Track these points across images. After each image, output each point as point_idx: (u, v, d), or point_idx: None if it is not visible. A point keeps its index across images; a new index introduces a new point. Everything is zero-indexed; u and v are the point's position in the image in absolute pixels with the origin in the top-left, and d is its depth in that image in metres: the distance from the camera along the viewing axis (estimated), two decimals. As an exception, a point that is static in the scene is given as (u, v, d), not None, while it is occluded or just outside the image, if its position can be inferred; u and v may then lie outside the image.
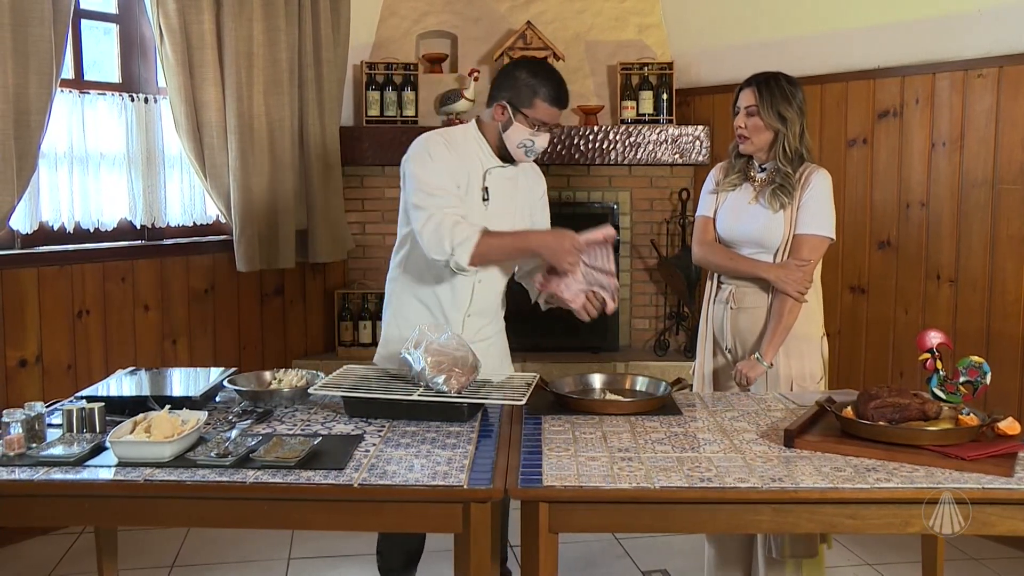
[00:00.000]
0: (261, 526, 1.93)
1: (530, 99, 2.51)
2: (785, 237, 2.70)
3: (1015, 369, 3.50)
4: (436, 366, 2.21)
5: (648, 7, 4.96)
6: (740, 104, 2.73)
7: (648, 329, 4.95)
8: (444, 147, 2.55)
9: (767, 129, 2.69)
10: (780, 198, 2.68)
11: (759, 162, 2.77)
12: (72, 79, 3.77)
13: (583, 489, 1.81)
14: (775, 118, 2.67)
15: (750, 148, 2.74)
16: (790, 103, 2.68)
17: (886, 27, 3.96)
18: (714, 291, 2.87)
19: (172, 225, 4.18)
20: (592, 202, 4.84)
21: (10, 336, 3.49)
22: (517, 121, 2.54)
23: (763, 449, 2.04)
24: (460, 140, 2.61)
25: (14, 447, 1.96)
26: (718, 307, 2.84)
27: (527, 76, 2.53)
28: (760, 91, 2.69)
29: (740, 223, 2.76)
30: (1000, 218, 3.56)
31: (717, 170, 2.90)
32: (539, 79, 2.53)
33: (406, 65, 4.72)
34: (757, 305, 2.75)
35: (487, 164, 2.61)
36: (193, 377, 2.53)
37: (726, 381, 2.86)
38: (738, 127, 2.73)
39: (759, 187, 2.76)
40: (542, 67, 2.60)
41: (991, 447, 1.94)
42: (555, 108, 2.54)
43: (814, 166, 2.74)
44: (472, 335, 2.63)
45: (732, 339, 2.81)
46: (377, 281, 4.81)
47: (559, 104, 2.55)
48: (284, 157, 4.31)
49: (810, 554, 2.74)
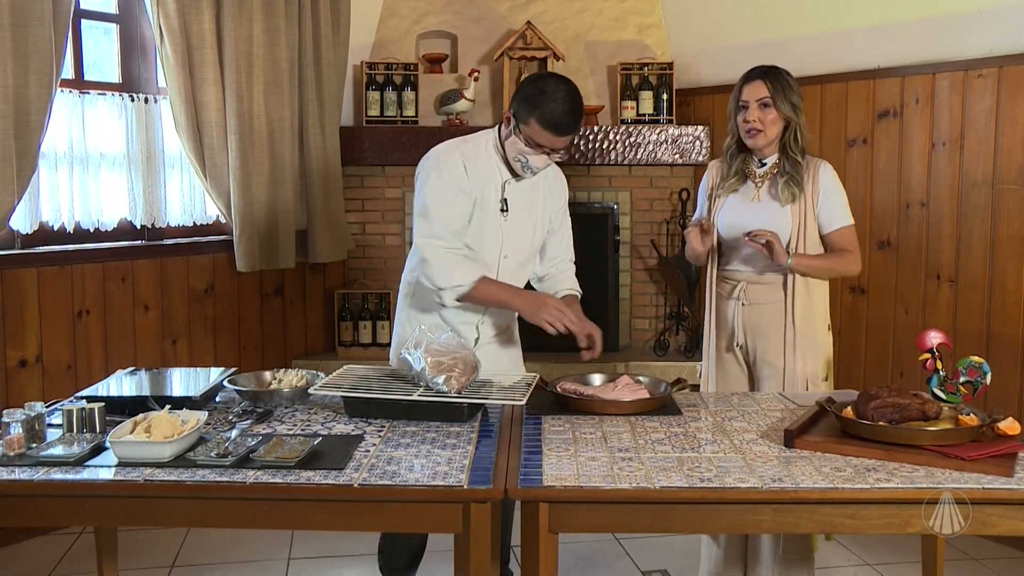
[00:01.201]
0: (261, 526, 1.93)
1: (527, 117, 2.44)
2: (793, 229, 2.69)
3: (1015, 369, 3.50)
4: (436, 366, 2.21)
5: (648, 7, 4.96)
6: (749, 98, 2.69)
7: (648, 329, 4.95)
8: (460, 166, 2.52)
9: (780, 120, 2.68)
10: (792, 189, 2.68)
11: (760, 157, 2.76)
12: (72, 79, 3.77)
13: (583, 489, 1.81)
14: (789, 108, 2.67)
15: (762, 141, 2.70)
16: (796, 92, 2.70)
17: (886, 27, 3.96)
18: (714, 288, 2.86)
19: (172, 225, 4.18)
20: (592, 202, 4.85)
21: (10, 336, 3.49)
22: (515, 135, 2.49)
23: (763, 449, 2.04)
24: (478, 154, 2.57)
25: (14, 447, 1.96)
26: (728, 304, 2.81)
27: (534, 93, 2.44)
28: (771, 83, 2.67)
29: (747, 221, 2.72)
30: (1000, 218, 3.56)
31: (713, 170, 2.88)
32: (543, 99, 2.42)
33: (406, 65, 4.72)
34: (768, 301, 2.75)
35: (505, 176, 2.59)
36: (193, 377, 2.53)
37: (735, 384, 2.85)
38: (750, 121, 2.69)
39: (761, 182, 2.75)
40: (554, 88, 2.45)
41: (991, 447, 1.93)
42: (550, 133, 2.43)
43: (816, 159, 2.75)
44: (485, 338, 2.65)
45: (744, 335, 2.80)
46: (377, 281, 4.82)
47: (555, 131, 2.43)
48: (284, 157, 4.31)
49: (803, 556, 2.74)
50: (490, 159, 2.58)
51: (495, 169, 2.58)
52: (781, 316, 2.73)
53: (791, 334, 2.72)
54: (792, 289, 2.71)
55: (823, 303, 2.77)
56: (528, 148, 2.48)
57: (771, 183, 2.74)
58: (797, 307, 2.71)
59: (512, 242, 2.61)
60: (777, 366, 2.74)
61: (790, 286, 2.71)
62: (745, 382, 2.85)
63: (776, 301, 2.73)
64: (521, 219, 2.61)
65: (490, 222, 2.55)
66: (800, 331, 2.72)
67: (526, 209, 2.63)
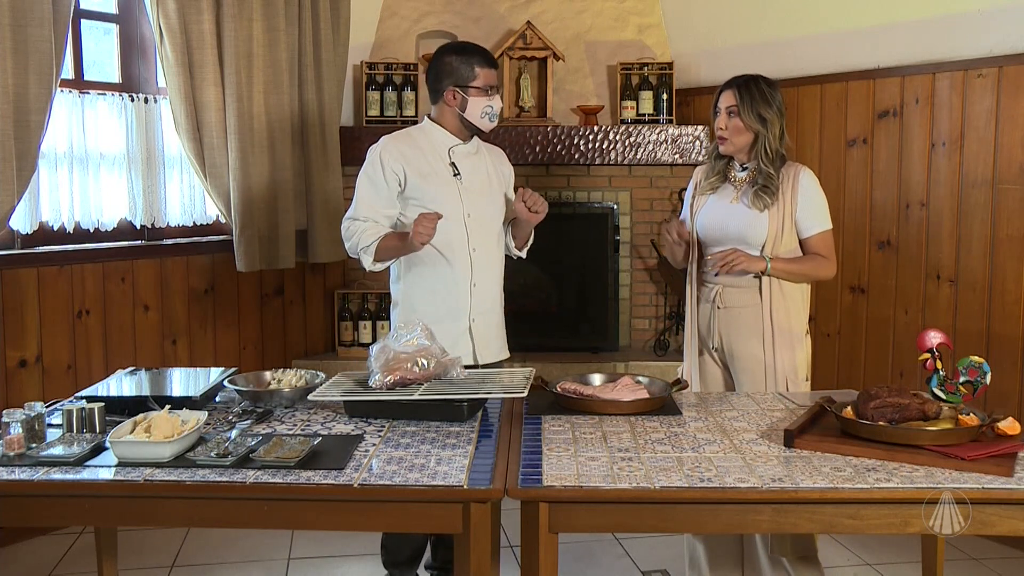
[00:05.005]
0: (261, 526, 1.93)
1: (471, 72, 2.73)
2: (770, 234, 2.73)
3: (1015, 369, 3.50)
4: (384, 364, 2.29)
5: (648, 7, 4.96)
6: (720, 105, 2.79)
7: (648, 329, 4.95)
8: (377, 156, 2.75)
9: (747, 130, 2.75)
10: (763, 199, 2.74)
11: (739, 163, 2.82)
12: (72, 79, 3.77)
13: (583, 489, 1.81)
14: (755, 119, 2.73)
15: (730, 149, 2.79)
16: (769, 105, 2.74)
17: (886, 27, 3.96)
18: (696, 291, 2.90)
19: (172, 225, 4.18)
20: (592, 202, 4.84)
21: (10, 336, 3.49)
22: (471, 96, 2.73)
23: (763, 449, 2.04)
24: (416, 133, 2.84)
25: (14, 447, 1.96)
26: (704, 307, 2.86)
27: (457, 57, 2.75)
28: (740, 93, 2.75)
29: (723, 222, 2.80)
30: (1000, 218, 3.56)
31: (698, 172, 2.96)
32: (467, 53, 2.76)
33: (406, 65, 4.72)
34: (744, 304, 2.78)
35: (449, 143, 2.80)
36: (193, 377, 2.53)
37: (713, 383, 2.89)
38: (718, 128, 2.79)
39: (740, 187, 2.80)
40: (461, 45, 2.85)
41: (991, 447, 1.94)
42: (492, 69, 2.77)
43: (797, 165, 2.80)
44: (478, 307, 2.80)
45: (719, 338, 2.83)
46: (378, 281, 4.81)
47: (493, 64, 2.78)
48: (284, 157, 4.30)
49: (809, 554, 2.75)
50: (429, 135, 2.82)
51: (437, 141, 2.80)
52: (758, 319, 2.76)
53: (769, 333, 2.75)
54: (769, 292, 2.75)
55: (798, 305, 2.80)
56: (487, 97, 2.75)
57: (747, 188, 2.78)
58: (774, 308, 2.75)
59: (471, 201, 2.79)
60: (754, 366, 2.77)
61: (766, 289, 2.75)
62: (722, 382, 2.89)
63: (752, 305, 2.77)
64: (477, 183, 2.82)
65: (446, 187, 2.76)
66: (778, 329, 2.75)
67: (475, 172, 2.83)
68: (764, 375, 2.75)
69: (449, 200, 2.74)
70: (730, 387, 2.87)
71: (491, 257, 2.84)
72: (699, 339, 2.90)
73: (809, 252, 2.78)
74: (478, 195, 2.80)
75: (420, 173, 2.74)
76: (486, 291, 2.83)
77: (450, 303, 2.76)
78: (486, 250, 2.81)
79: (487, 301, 2.83)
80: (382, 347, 2.35)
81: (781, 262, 2.73)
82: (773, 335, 2.74)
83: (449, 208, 2.72)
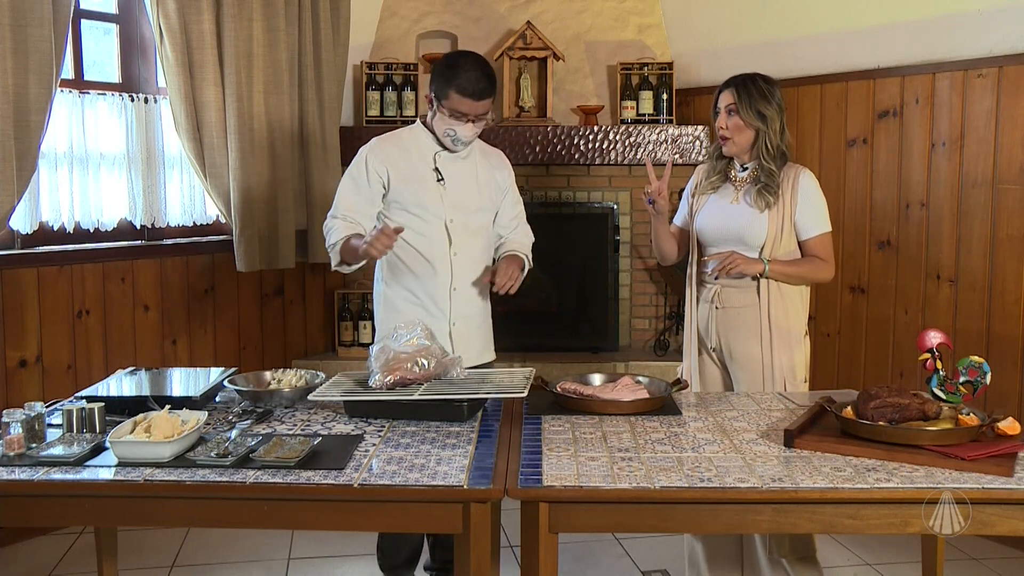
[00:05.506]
0: (261, 526, 1.93)
1: (445, 91, 2.64)
2: (770, 235, 2.73)
3: (1015, 369, 3.50)
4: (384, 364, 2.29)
5: (648, 7, 4.96)
6: (720, 105, 2.79)
7: (648, 329, 4.95)
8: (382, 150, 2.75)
9: (748, 128, 2.74)
10: (765, 198, 2.74)
11: (740, 162, 2.82)
12: (72, 79, 3.77)
13: (583, 489, 1.81)
14: (754, 116, 2.73)
15: (733, 148, 2.79)
16: (768, 101, 2.74)
17: (886, 27, 3.96)
18: (695, 292, 2.90)
19: (172, 225, 4.18)
20: (592, 202, 4.84)
21: (10, 336, 3.49)
22: (439, 111, 2.68)
23: (763, 449, 2.04)
24: (400, 139, 2.81)
25: (14, 447, 1.96)
26: (703, 307, 2.86)
27: (445, 69, 2.66)
28: (738, 91, 2.75)
29: (723, 222, 2.79)
30: (1000, 218, 3.56)
31: (699, 171, 2.96)
32: (454, 71, 2.62)
33: (406, 65, 4.72)
34: (742, 304, 2.78)
35: (435, 149, 2.77)
36: (193, 377, 2.53)
37: (713, 383, 2.88)
38: (720, 128, 2.79)
39: (740, 186, 2.80)
40: (462, 60, 2.68)
41: (991, 447, 1.94)
42: (469, 100, 2.62)
43: (797, 167, 2.80)
44: (459, 311, 2.78)
45: (717, 338, 2.83)
46: (377, 281, 4.81)
47: (473, 96, 2.62)
48: (284, 157, 4.30)
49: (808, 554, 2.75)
50: (417, 139, 2.79)
51: (424, 146, 2.77)
52: (756, 319, 2.76)
53: (767, 333, 2.75)
54: (767, 292, 2.74)
55: (797, 306, 2.79)
56: (453, 120, 2.66)
57: (749, 188, 2.78)
58: (773, 309, 2.75)
59: (454, 207, 2.76)
60: (752, 366, 2.77)
61: (764, 290, 2.75)
62: (722, 382, 2.89)
63: (751, 305, 2.76)
64: (463, 190, 2.78)
65: (429, 191, 2.74)
66: (776, 330, 2.74)
67: (462, 179, 2.79)
68: (762, 375, 2.75)
69: (431, 205, 2.73)
70: (729, 387, 2.87)
71: (474, 262, 2.81)
72: (698, 339, 2.90)
73: (808, 254, 2.77)
74: (462, 201, 2.77)
75: (403, 177, 2.74)
76: (468, 295, 2.80)
77: (430, 306, 2.76)
78: (468, 255, 2.79)
79: (469, 305, 2.81)
80: (382, 347, 2.35)
81: (779, 264, 2.73)
82: (771, 335, 2.74)
83: (432, 211, 2.72)
